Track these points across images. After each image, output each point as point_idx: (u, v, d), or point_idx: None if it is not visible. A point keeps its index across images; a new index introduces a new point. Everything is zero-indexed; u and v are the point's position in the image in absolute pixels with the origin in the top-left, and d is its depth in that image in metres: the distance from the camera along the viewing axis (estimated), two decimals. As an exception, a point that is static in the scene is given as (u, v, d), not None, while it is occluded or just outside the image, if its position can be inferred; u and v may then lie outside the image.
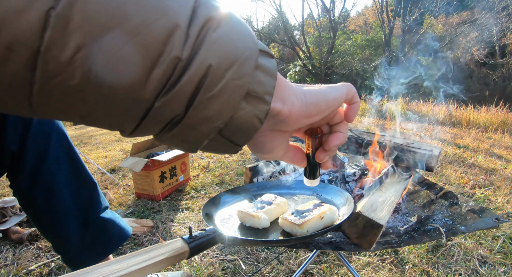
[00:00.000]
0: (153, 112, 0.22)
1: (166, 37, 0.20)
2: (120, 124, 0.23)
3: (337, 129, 0.37)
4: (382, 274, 1.29)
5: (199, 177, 2.45)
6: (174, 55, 0.21)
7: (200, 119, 0.24)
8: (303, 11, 15.34)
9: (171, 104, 0.22)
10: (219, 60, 0.23)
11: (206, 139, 0.26)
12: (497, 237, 1.52)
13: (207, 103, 0.23)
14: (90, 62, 0.19)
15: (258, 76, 0.25)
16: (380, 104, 8.48)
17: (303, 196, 0.93)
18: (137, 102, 0.21)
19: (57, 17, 0.18)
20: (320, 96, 0.32)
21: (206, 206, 0.81)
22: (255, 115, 0.26)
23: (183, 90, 0.22)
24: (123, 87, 0.20)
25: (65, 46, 0.18)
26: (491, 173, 2.62)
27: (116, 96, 0.21)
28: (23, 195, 0.94)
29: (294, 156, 0.38)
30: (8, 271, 1.31)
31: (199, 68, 0.22)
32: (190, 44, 0.21)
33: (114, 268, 0.40)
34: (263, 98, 0.26)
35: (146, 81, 0.21)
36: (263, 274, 1.30)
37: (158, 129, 0.24)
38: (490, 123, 6.06)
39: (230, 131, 0.26)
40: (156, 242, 1.54)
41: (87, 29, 0.18)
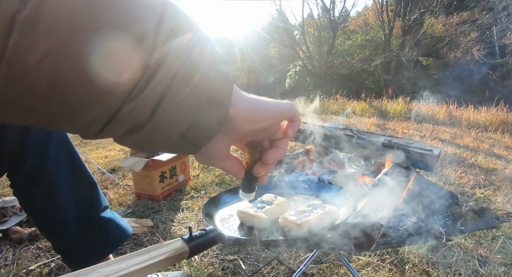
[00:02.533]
0: (119, 117, 0.22)
1: (135, 45, 0.21)
2: (84, 128, 0.23)
3: (277, 145, 0.39)
4: (382, 274, 1.29)
5: (199, 177, 2.45)
6: (142, 63, 0.21)
7: (164, 124, 0.24)
8: (303, 11, 15.34)
9: (137, 109, 0.22)
10: (184, 68, 0.23)
11: (168, 143, 0.27)
12: (497, 237, 1.52)
13: (172, 109, 0.24)
14: (58, 69, 0.19)
15: (218, 81, 0.26)
16: (380, 104, 8.44)
17: (303, 196, 0.93)
18: (103, 108, 0.21)
19: (23, 21, 0.17)
20: (264, 105, 0.34)
21: (206, 206, 0.81)
22: (214, 119, 0.27)
23: (149, 97, 0.22)
24: (90, 93, 0.20)
25: (31, 51, 0.18)
26: (491, 173, 2.62)
27: (82, 101, 0.20)
28: (23, 195, 0.94)
29: (232, 165, 0.39)
30: (8, 271, 1.31)
31: (165, 75, 0.22)
32: (157, 52, 0.22)
33: (114, 268, 0.40)
34: (223, 103, 0.27)
35: (114, 87, 0.21)
36: (263, 274, 1.30)
37: (122, 132, 0.24)
38: (490, 123, 6.06)
39: (192, 135, 0.27)
40: (156, 242, 1.54)
41: (56, 35, 0.18)
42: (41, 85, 0.19)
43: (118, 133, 0.24)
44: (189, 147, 0.28)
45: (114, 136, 0.25)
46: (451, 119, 6.41)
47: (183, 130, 0.26)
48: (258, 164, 0.40)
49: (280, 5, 15.49)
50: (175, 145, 0.27)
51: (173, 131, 0.26)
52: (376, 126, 5.60)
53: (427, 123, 5.81)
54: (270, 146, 0.40)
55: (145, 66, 0.21)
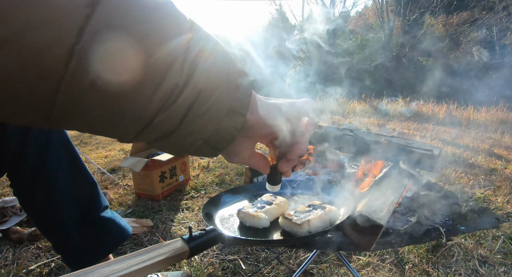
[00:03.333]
0: (152, 126, 0.27)
1: (167, 69, 0.25)
2: (122, 135, 0.28)
3: (299, 140, 0.42)
4: (382, 274, 1.29)
5: (199, 177, 2.45)
6: (173, 82, 0.25)
7: (190, 131, 0.29)
8: (303, 11, 15.32)
9: (167, 120, 0.27)
10: (208, 85, 0.28)
11: (193, 147, 0.31)
12: (497, 237, 1.52)
13: (197, 119, 0.28)
14: (106, 89, 0.23)
15: (237, 94, 0.31)
16: (380, 104, 8.44)
17: (303, 196, 0.93)
18: (140, 119, 0.26)
19: (79, 51, 0.21)
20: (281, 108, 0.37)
21: (206, 206, 0.81)
22: (233, 126, 0.31)
23: (178, 109, 0.27)
24: (132, 108, 0.25)
25: (86, 74, 0.22)
26: (491, 173, 2.61)
27: (124, 114, 0.25)
28: (24, 195, 0.94)
29: (258, 161, 0.42)
30: (8, 271, 1.31)
31: (192, 92, 0.27)
32: (185, 73, 0.26)
33: (114, 268, 0.40)
34: (241, 112, 0.31)
35: (150, 102, 0.25)
36: (263, 274, 1.30)
37: (153, 138, 0.29)
38: (490, 123, 6.06)
39: (214, 140, 0.31)
40: (156, 242, 1.54)
41: (104, 62, 0.22)
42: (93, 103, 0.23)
43: (150, 139, 0.29)
44: (211, 150, 0.33)
45: (146, 141, 0.29)
46: (451, 119, 6.41)
47: (207, 136, 0.30)
48: (283, 160, 0.43)
49: (280, 5, 15.48)
50: (199, 149, 0.32)
51: (198, 137, 0.30)
52: (376, 126, 5.60)
53: (427, 123, 5.81)
54: (293, 142, 0.42)
55: (175, 84, 0.26)
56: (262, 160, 0.43)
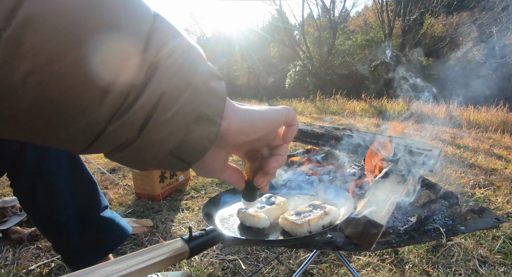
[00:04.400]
0: (105, 135, 0.22)
1: (121, 64, 0.20)
2: (70, 145, 0.23)
3: (277, 152, 0.38)
4: (382, 274, 1.29)
5: (199, 177, 2.45)
6: (128, 82, 0.21)
7: (151, 142, 0.24)
8: (303, 11, 15.33)
9: (123, 128, 0.22)
10: (172, 87, 0.23)
11: (156, 160, 0.26)
12: (497, 237, 1.52)
13: (159, 127, 0.24)
14: (42, 87, 0.18)
15: (208, 99, 0.26)
16: (380, 104, 8.45)
17: (303, 196, 0.93)
18: (89, 126, 0.21)
19: (7, 38, 0.17)
20: (257, 115, 0.33)
21: (206, 206, 0.81)
22: (205, 136, 0.27)
23: (136, 115, 0.22)
24: (75, 112, 0.20)
25: (16, 69, 0.18)
26: (491, 173, 2.61)
27: (67, 120, 0.20)
28: (24, 195, 0.94)
29: (232, 176, 0.38)
30: (8, 271, 1.31)
31: (152, 95, 0.22)
32: (144, 71, 0.21)
33: (114, 268, 0.40)
34: (213, 120, 0.27)
35: (99, 106, 0.20)
36: (263, 274, 1.30)
37: (109, 150, 0.24)
38: (490, 123, 6.06)
39: (181, 152, 0.27)
40: (156, 242, 1.54)
41: (39, 54, 0.18)
42: (26, 103, 0.19)
43: (105, 150, 0.24)
44: (180, 164, 0.28)
45: (101, 152, 0.25)
46: (451, 119, 6.41)
47: (172, 148, 0.26)
48: (259, 174, 0.39)
49: (280, 5, 15.47)
50: (164, 162, 0.27)
51: (161, 149, 0.25)
52: (376, 126, 5.60)
53: (427, 123, 5.81)
54: (270, 154, 0.39)
55: (131, 84, 0.21)
56: (236, 174, 0.38)
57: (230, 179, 0.38)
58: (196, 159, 0.29)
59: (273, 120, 0.34)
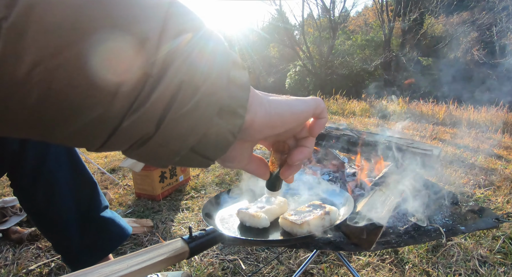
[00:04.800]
0: (121, 131, 0.21)
1: (135, 52, 0.19)
2: (85, 142, 0.22)
3: (303, 144, 0.37)
4: (382, 274, 1.29)
5: (199, 177, 2.45)
6: (143, 71, 0.19)
7: (171, 137, 0.22)
8: (303, 11, 15.33)
9: (140, 122, 0.21)
10: (192, 76, 0.21)
11: (178, 156, 0.25)
12: (497, 237, 1.52)
13: (179, 120, 0.22)
14: (49, 80, 0.17)
15: (231, 89, 0.24)
16: (380, 104, 8.44)
17: (303, 196, 0.93)
18: (103, 121, 0.20)
19: (9, 28, 0.16)
20: (285, 107, 0.31)
21: (206, 206, 0.81)
22: (228, 130, 0.25)
23: (153, 108, 0.20)
24: (87, 106, 0.19)
25: (20, 61, 0.16)
26: (491, 173, 2.61)
27: (79, 115, 0.19)
28: (24, 195, 0.94)
29: (258, 168, 0.37)
30: (8, 271, 1.31)
31: (170, 85, 0.20)
32: (160, 59, 0.20)
33: (114, 269, 0.40)
34: (237, 112, 0.25)
35: (113, 99, 0.19)
36: (263, 274, 1.30)
37: (126, 146, 0.23)
38: (490, 123, 6.06)
39: (203, 147, 0.25)
40: (156, 242, 1.54)
41: (44, 43, 0.16)
42: (33, 99, 0.17)
43: (123, 147, 0.23)
44: (202, 160, 0.26)
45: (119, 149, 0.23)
46: (451, 119, 6.41)
47: (193, 143, 0.24)
48: (285, 167, 0.38)
49: (280, 5, 15.47)
50: (186, 159, 0.25)
51: (181, 145, 0.24)
52: (376, 126, 5.60)
53: (427, 123, 5.81)
54: (296, 145, 0.37)
55: (146, 74, 0.19)
56: (261, 165, 0.37)
57: (256, 171, 0.37)
58: (218, 154, 0.27)
59: (302, 113, 0.32)
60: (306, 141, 0.37)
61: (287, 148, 0.37)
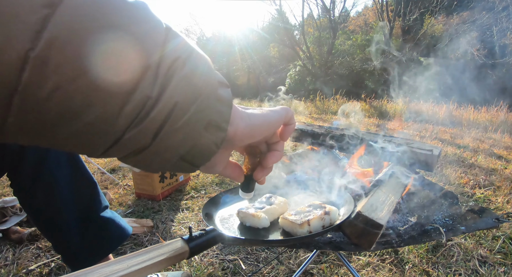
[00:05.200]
0: (122, 142, 0.24)
1: (138, 78, 0.22)
2: (88, 151, 0.25)
3: (275, 148, 0.41)
4: (382, 274, 1.29)
5: (199, 177, 2.45)
6: (144, 94, 0.23)
7: (164, 147, 0.26)
8: (303, 11, 15.31)
9: (139, 135, 0.24)
10: (184, 97, 0.25)
11: (169, 164, 0.28)
12: (497, 237, 1.52)
13: (172, 134, 0.25)
14: (67, 101, 0.20)
15: (217, 106, 0.28)
16: (380, 104, 8.45)
17: (303, 196, 0.93)
18: (108, 134, 0.23)
19: (35, 58, 0.18)
20: (262, 119, 0.35)
21: (206, 206, 0.81)
22: (213, 141, 0.29)
23: (151, 124, 0.24)
24: (97, 122, 0.22)
25: (42, 86, 0.19)
26: (491, 173, 2.61)
27: (88, 129, 0.22)
28: (24, 195, 0.94)
29: (233, 171, 0.41)
30: (8, 271, 1.31)
31: (166, 105, 0.24)
32: (158, 83, 0.23)
33: (114, 269, 0.40)
34: (221, 126, 0.29)
35: (118, 116, 0.22)
36: (263, 274, 1.30)
37: (124, 154, 0.26)
38: (490, 123, 6.06)
39: (191, 156, 0.29)
40: (156, 242, 1.54)
41: (64, 71, 0.19)
42: (51, 115, 0.20)
43: (120, 155, 0.26)
44: (189, 167, 0.30)
45: (117, 157, 0.27)
46: (451, 119, 6.41)
47: (183, 152, 0.28)
48: (258, 169, 0.42)
49: (280, 5, 15.47)
50: (174, 166, 0.29)
51: (173, 154, 0.27)
52: (376, 126, 5.60)
53: (427, 123, 5.81)
54: (268, 150, 0.42)
55: (147, 96, 0.23)
56: (236, 169, 0.41)
57: (231, 174, 0.41)
58: (203, 162, 0.31)
59: (275, 122, 0.37)
60: (277, 146, 0.41)
61: (259, 152, 0.41)
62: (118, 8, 0.21)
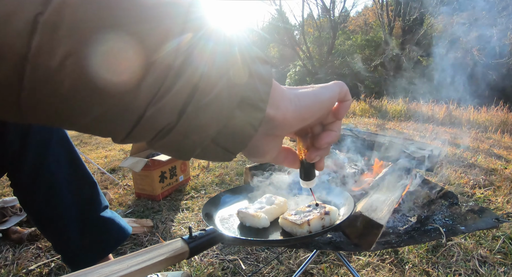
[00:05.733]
0: (145, 120, 0.22)
1: (158, 46, 0.20)
2: (111, 131, 0.23)
3: (330, 128, 0.36)
4: (382, 274, 1.29)
5: (199, 177, 2.45)
6: (166, 64, 0.20)
7: (193, 127, 0.23)
8: (303, 11, 15.31)
9: (163, 112, 0.22)
10: (212, 68, 0.22)
11: (199, 148, 0.25)
12: (497, 237, 1.52)
13: (200, 111, 0.23)
14: (80, 70, 0.18)
15: (252, 83, 0.25)
16: (380, 104, 8.45)
17: (303, 196, 0.93)
18: (128, 110, 0.21)
19: (45, 22, 0.17)
20: (313, 98, 0.32)
21: (206, 206, 0.81)
22: (249, 122, 0.26)
23: (175, 99, 0.21)
24: (114, 95, 0.20)
25: (54, 52, 0.18)
26: (491, 173, 2.61)
27: (106, 104, 0.20)
28: (24, 195, 0.94)
29: (286, 157, 0.37)
30: (8, 271, 1.31)
31: (191, 77, 0.21)
32: (182, 52, 0.21)
33: (114, 268, 0.40)
34: (257, 105, 0.26)
35: (138, 89, 0.20)
36: (263, 274, 1.30)
37: (150, 136, 0.24)
38: (490, 123, 6.06)
39: (224, 139, 0.26)
40: (156, 242, 1.54)
41: (77, 36, 0.18)
42: (65, 87, 0.19)
43: (147, 138, 0.24)
44: (224, 153, 0.27)
45: (144, 140, 0.24)
46: (451, 119, 6.41)
47: (214, 134, 0.25)
48: (311, 149, 0.37)
49: (280, 5, 15.46)
50: (207, 151, 0.26)
51: (203, 136, 0.24)
52: (376, 126, 5.60)
53: (427, 123, 5.81)
54: (322, 130, 0.37)
55: (168, 67, 0.21)
56: (289, 155, 0.37)
57: (284, 161, 0.37)
58: (239, 147, 0.27)
59: (328, 100, 0.33)
60: (333, 126, 0.36)
61: (310, 130, 0.37)
62: None
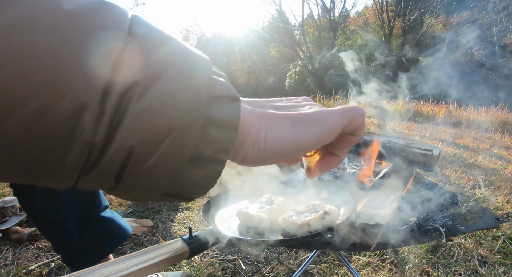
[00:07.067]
0: (82, 183, 0.20)
1: (73, 120, 0.16)
2: (54, 185, 0.20)
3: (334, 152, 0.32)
4: (382, 274, 1.29)
5: (199, 177, 2.45)
6: (85, 140, 0.17)
7: (135, 188, 0.21)
8: (303, 11, 15.31)
9: (96, 180, 0.19)
10: (144, 138, 0.19)
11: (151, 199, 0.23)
12: (497, 237, 1.52)
13: (139, 177, 0.20)
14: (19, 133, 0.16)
15: (208, 135, 0.21)
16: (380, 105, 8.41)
17: (303, 196, 0.93)
18: (63, 177, 0.19)
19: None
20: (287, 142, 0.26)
21: (206, 206, 0.81)
22: (207, 175, 0.22)
23: (104, 172, 0.19)
24: (47, 163, 0.18)
25: None
26: (491, 173, 2.61)
27: (41, 170, 0.18)
28: (23, 195, 0.94)
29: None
30: (8, 271, 1.31)
31: (119, 150, 0.18)
32: (105, 123, 0.17)
33: (114, 269, 0.40)
34: (216, 158, 0.22)
35: (64, 164, 0.18)
36: (263, 274, 1.30)
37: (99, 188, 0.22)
38: (490, 123, 6.06)
39: (179, 191, 0.23)
40: (156, 242, 1.54)
41: None
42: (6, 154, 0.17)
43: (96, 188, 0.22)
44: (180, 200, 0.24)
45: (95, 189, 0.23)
46: (451, 119, 6.41)
47: (165, 190, 0.22)
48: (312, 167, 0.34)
49: (280, 5, 15.47)
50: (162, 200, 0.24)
51: (149, 193, 0.22)
52: (376, 126, 5.60)
53: (427, 123, 5.81)
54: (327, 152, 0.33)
55: (90, 144, 0.17)
56: None
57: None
58: (198, 195, 0.24)
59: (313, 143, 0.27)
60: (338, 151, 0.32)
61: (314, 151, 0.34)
62: None
